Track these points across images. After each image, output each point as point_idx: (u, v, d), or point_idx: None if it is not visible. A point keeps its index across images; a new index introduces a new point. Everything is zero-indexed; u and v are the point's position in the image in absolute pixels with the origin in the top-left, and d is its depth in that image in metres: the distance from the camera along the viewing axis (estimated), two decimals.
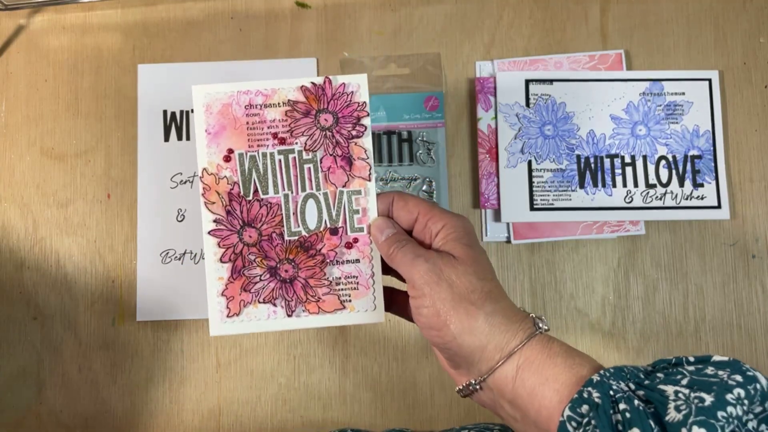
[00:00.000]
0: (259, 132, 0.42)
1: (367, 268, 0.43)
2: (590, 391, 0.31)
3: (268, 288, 0.43)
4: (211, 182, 0.42)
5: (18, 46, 0.60)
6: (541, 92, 0.58)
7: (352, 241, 0.42)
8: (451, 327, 0.35)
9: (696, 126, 0.58)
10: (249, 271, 0.42)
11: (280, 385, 0.57)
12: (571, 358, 0.33)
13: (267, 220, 0.42)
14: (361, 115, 0.42)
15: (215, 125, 0.42)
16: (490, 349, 0.35)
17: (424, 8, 0.60)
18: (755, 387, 0.29)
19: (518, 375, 0.34)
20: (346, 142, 0.42)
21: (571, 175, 0.57)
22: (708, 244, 0.57)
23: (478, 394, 0.37)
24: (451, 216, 0.39)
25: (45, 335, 0.57)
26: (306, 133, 0.42)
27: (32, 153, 0.59)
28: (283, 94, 0.42)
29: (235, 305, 0.42)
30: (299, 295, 0.42)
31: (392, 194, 0.42)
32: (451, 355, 0.37)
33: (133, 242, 0.58)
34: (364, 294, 0.43)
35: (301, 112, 0.42)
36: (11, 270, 0.58)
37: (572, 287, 0.57)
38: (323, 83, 0.42)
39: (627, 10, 0.60)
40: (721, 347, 0.56)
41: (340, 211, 0.43)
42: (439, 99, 0.58)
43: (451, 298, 0.36)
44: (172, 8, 0.60)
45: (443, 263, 0.37)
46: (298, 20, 0.60)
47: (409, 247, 0.38)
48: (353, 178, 0.42)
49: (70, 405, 0.57)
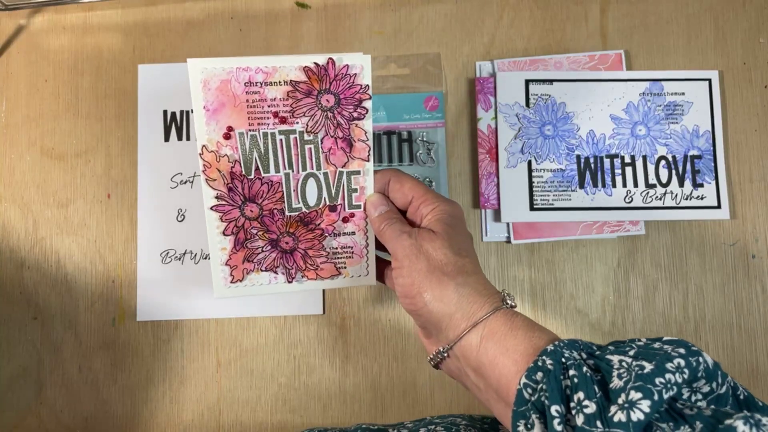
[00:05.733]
0: (260, 110, 0.42)
1: (361, 239, 0.45)
2: (544, 359, 0.33)
3: (269, 258, 0.44)
4: (211, 159, 0.42)
5: (18, 46, 0.60)
6: (541, 92, 0.58)
7: (349, 216, 0.44)
8: (424, 295, 0.38)
9: (696, 126, 0.58)
10: (252, 244, 0.44)
11: (280, 385, 0.57)
12: (531, 331, 0.36)
13: (268, 196, 0.43)
14: (363, 98, 0.42)
15: (214, 102, 0.41)
16: (457, 318, 0.37)
17: (424, 8, 0.60)
18: (698, 361, 0.31)
19: (482, 344, 0.36)
20: (347, 124, 0.43)
21: (571, 175, 0.57)
22: (708, 244, 0.57)
23: (447, 362, 0.40)
24: (442, 200, 0.42)
25: (45, 335, 0.57)
26: (308, 113, 0.42)
27: (32, 153, 0.59)
28: (284, 72, 0.41)
29: (238, 272, 0.44)
30: (299, 263, 0.44)
31: (389, 173, 0.44)
32: (423, 322, 0.40)
33: (133, 242, 0.58)
34: (358, 262, 0.45)
35: (302, 92, 0.42)
36: (11, 270, 0.58)
37: (572, 287, 0.57)
38: (326, 63, 0.41)
39: (627, 10, 0.60)
40: (721, 347, 0.57)
41: (339, 190, 0.44)
42: (439, 99, 0.58)
43: (426, 269, 0.39)
44: (172, 8, 0.60)
45: (423, 238, 0.40)
46: (298, 20, 0.60)
47: (397, 224, 0.42)
48: (353, 159, 0.43)
49: (70, 405, 0.57)
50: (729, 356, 0.56)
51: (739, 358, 0.56)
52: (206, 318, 0.57)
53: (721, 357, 0.56)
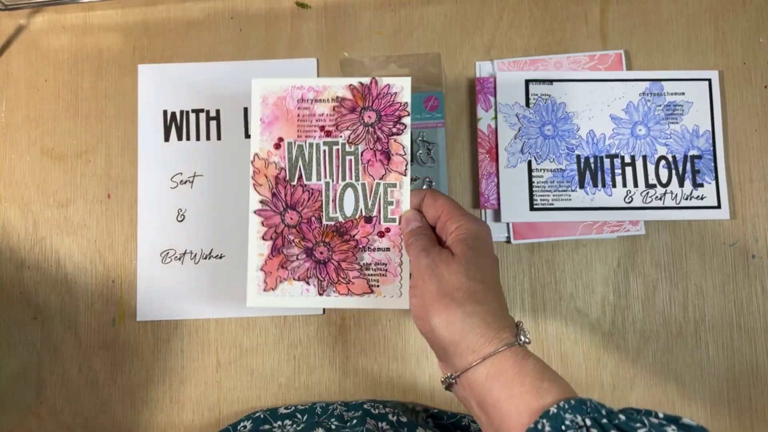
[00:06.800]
0: (308, 124, 0.46)
1: (396, 256, 0.46)
2: (544, 423, 0.31)
3: (303, 267, 0.46)
4: (260, 166, 0.46)
5: (18, 46, 0.60)
6: (541, 92, 0.58)
7: (384, 231, 0.45)
8: (432, 318, 0.37)
9: (696, 126, 0.58)
10: (287, 250, 0.46)
11: (280, 385, 0.57)
12: (540, 381, 0.34)
13: (308, 204, 0.46)
14: (402, 115, 0.46)
15: (269, 115, 0.46)
16: (462, 348, 0.36)
17: (424, 8, 0.60)
18: None
19: (487, 382, 0.35)
20: (386, 138, 0.46)
21: (571, 175, 0.57)
22: (708, 244, 0.57)
23: (455, 388, 0.39)
24: (468, 219, 0.41)
25: (45, 335, 0.57)
26: (350, 127, 0.46)
27: (32, 153, 0.59)
28: (332, 91, 0.46)
29: (272, 280, 0.46)
30: (331, 275, 0.46)
31: (426, 191, 0.44)
32: (431, 344, 0.39)
33: (133, 242, 0.58)
34: (391, 281, 0.45)
35: (347, 108, 0.46)
36: (11, 270, 0.58)
37: (572, 287, 0.57)
38: (370, 83, 0.46)
39: (627, 10, 0.60)
40: (721, 347, 0.56)
41: (375, 201, 0.46)
42: (439, 99, 0.58)
43: (436, 292, 0.38)
44: (172, 8, 0.60)
45: (440, 260, 0.39)
46: (298, 20, 0.60)
47: (422, 241, 0.41)
48: (390, 171, 0.46)
49: (70, 405, 0.57)
50: (729, 356, 0.56)
51: (739, 358, 0.56)
52: (206, 318, 0.57)
53: (721, 357, 0.56)
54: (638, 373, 0.56)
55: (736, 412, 0.56)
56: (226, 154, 0.58)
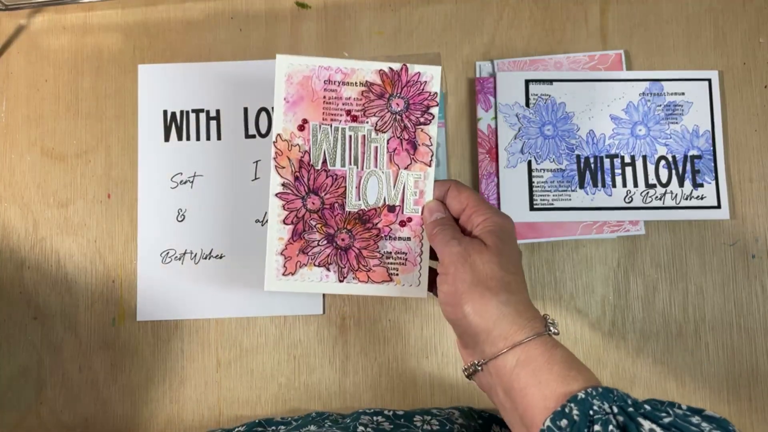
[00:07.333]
0: (335, 107, 0.45)
1: (416, 246, 0.45)
2: (572, 407, 0.32)
3: (323, 253, 0.45)
4: (283, 148, 0.45)
5: (18, 46, 0.60)
6: (541, 92, 0.58)
7: (406, 220, 0.45)
8: (465, 306, 0.38)
9: (696, 126, 0.58)
10: (309, 235, 0.45)
11: (280, 385, 0.57)
12: (569, 369, 0.35)
13: (331, 190, 0.45)
14: (431, 104, 0.45)
15: (294, 95, 0.45)
16: (494, 335, 0.37)
17: (424, 8, 0.60)
18: None
19: (516, 368, 0.36)
20: (413, 128, 0.45)
21: (570, 175, 0.57)
22: (708, 244, 0.57)
23: (479, 375, 0.39)
24: (495, 212, 0.42)
25: (45, 335, 0.57)
26: (378, 114, 0.45)
27: (32, 153, 0.59)
28: (361, 74, 0.45)
29: (291, 265, 0.45)
30: (352, 263, 0.45)
31: (450, 182, 0.44)
32: (460, 332, 0.40)
33: (133, 242, 0.58)
34: (410, 270, 0.45)
35: (375, 94, 0.45)
36: (11, 270, 0.58)
37: (572, 287, 0.57)
38: (400, 70, 0.44)
39: (627, 10, 0.60)
40: (721, 347, 0.56)
41: (399, 190, 0.45)
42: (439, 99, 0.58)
43: (470, 280, 0.38)
44: (172, 8, 0.60)
45: (473, 248, 0.39)
46: (298, 20, 0.60)
47: (450, 231, 0.42)
48: (415, 162, 0.45)
49: (70, 405, 0.57)
50: (729, 356, 0.56)
51: (739, 358, 0.56)
52: (206, 318, 0.57)
53: (721, 357, 0.56)
54: (638, 373, 0.56)
55: (736, 412, 0.56)
56: (226, 154, 0.58)
